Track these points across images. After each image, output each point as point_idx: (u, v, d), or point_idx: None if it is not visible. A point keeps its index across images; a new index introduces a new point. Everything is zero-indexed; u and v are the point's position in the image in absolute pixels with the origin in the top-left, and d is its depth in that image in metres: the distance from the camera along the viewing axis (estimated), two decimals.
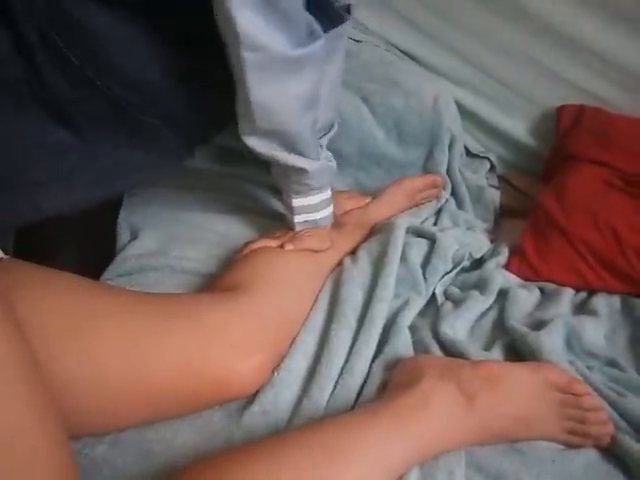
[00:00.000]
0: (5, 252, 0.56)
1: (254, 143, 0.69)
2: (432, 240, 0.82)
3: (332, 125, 0.85)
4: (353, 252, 0.82)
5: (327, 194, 0.78)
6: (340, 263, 0.80)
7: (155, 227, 0.86)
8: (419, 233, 0.84)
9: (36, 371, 0.43)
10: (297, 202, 0.77)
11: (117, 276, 0.77)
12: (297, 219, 0.78)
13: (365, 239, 0.85)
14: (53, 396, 0.44)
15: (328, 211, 0.80)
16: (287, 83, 0.64)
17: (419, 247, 0.81)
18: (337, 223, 0.85)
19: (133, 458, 0.54)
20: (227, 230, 0.86)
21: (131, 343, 0.54)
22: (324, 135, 0.83)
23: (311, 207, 0.77)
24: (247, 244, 0.76)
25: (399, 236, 0.78)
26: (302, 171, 0.72)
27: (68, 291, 0.55)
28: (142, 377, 0.54)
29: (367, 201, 0.93)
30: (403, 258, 0.77)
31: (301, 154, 0.71)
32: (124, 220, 0.89)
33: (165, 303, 0.60)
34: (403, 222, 0.82)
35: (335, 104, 0.85)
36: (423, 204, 0.97)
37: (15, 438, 0.38)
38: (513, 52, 1.12)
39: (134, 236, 0.86)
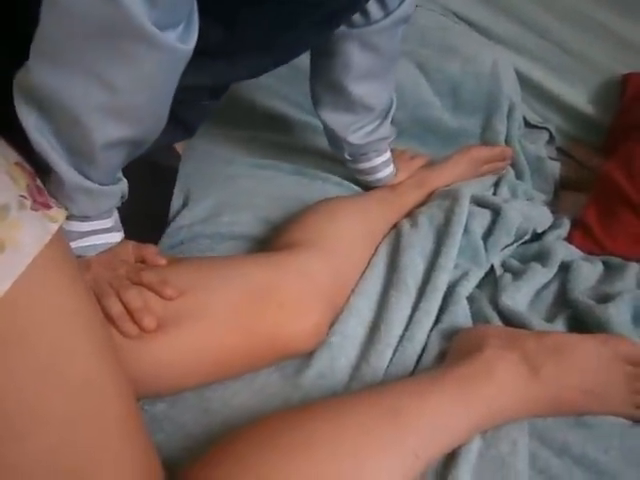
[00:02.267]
0: None
1: (19, 100, 0.45)
2: (496, 211, 0.79)
3: (391, 104, 0.81)
4: (408, 214, 0.80)
5: (106, 224, 0.54)
6: (396, 226, 0.78)
7: (206, 194, 0.86)
8: (482, 203, 0.81)
9: (103, 326, 0.43)
10: (68, 225, 0.52)
11: (169, 247, 0.77)
12: (74, 245, 0.52)
13: (421, 203, 0.82)
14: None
15: (107, 238, 0.55)
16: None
17: (482, 218, 0.78)
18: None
19: (192, 415, 0.55)
20: (279, 194, 0.85)
21: (186, 306, 0.53)
22: (382, 123, 0.80)
23: (76, 235, 0.53)
24: None
25: (464, 205, 0.75)
26: (60, 181, 0.48)
27: None
28: (198, 339, 0.54)
29: (424, 161, 0.91)
30: (465, 228, 0.74)
31: (75, 163, 0.48)
32: (177, 190, 0.90)
33: (216, 265, 0.60)
34: (468, 191, 0.79)
35: (392, 81, 0.80)
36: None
37: (84, 386, 0.39)
38: (575, 16, 1.07)
39: (185, 204, 0.86)
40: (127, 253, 0.58)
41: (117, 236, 0.56)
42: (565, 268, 0.75)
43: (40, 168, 0.47)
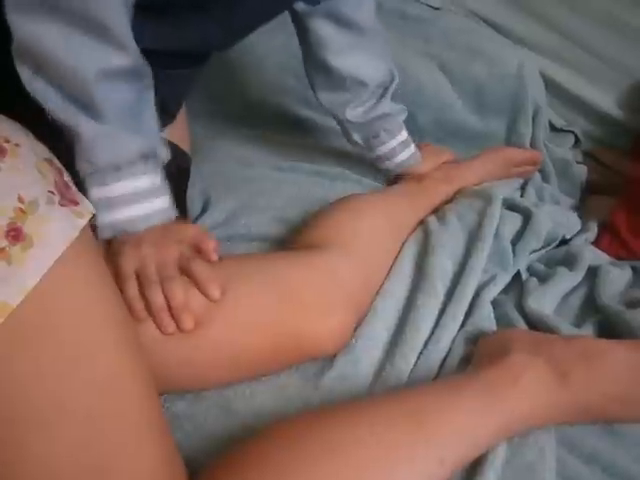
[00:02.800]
0: None
1: (19, 63, 0.46)
2: (527, 216, 0.78)
3: (390, 80, 0.79)
4: (434, 210, 0.79)
5: (143, 182, 0.51)
6: (423, 222, 0.77)
7: (225, 196, 0.86)
8: (513, 207, 0.80)
9: (130, 321, 0.43)
10: (92, 193, 0.49)
11: None
12: (99, 220, 0.49)
13: (448, 200, 0.81)
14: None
15: (152, 206, 0.52)
16: None
17: (512, 222, 0.77)
18: (419, 176, 0.82)
19: (212, 414, 0.54)
20: (298, 195, 0.84)
21: (212, 304, 0.52)
22: (381, 98, 0.79)
23: (115, 201, 0.50)
24: None
25: (497, 209, 0.74)
26: (79, 136, 0.47)
27: None
28: (222, 337, 0.53)
29: (450, 156, 0.90)
30: (495, 232, 0.73)
31: (84, 108, 0.47)
32: (194, 193, 0.90)
33: (239, 263, 0.60)
34: (500, 193, 0.77)
35: (384, 56, 0.78)
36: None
37: (111, 381, 0.39)
38: (601, 18, 1.06)
39: (205, 208, 0.86)
40: (185, 235, 0.55)
41: (166, 201, 0.53)
42: (593, 272, 0.73)
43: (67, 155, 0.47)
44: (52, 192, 0.39)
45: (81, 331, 0.38)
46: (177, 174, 0.86)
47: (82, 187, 0.47)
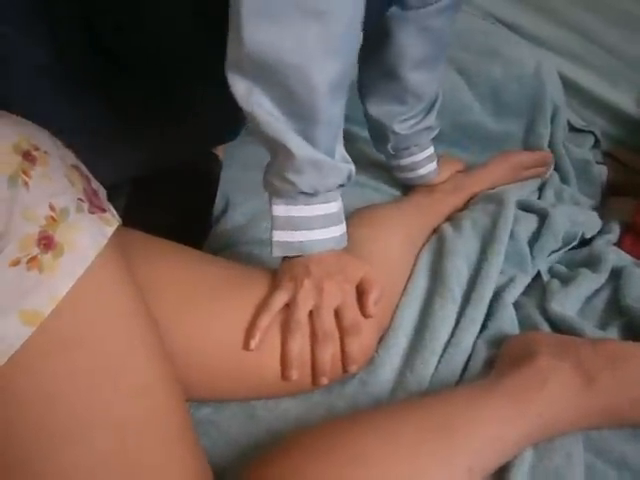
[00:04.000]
0: None
1: (240, 88, 0.46)
2: (542, 216, 0.77)
3: (435, 102, 0.80)
4: (448, 218, 0.79)
5: (331, 208, 0.53)
6: (437, 231, 0.77)
7: (246, 199, 0.86)
8: (528, 208, 0.80)
9: (157, 330, 0.43)
10: (278, 210, 0.53)
11: (212, 253, 0.77)
12: (276, 236, 0.53)
13: (460, 208, 0.81)
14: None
15: (330, 232, 0.54)
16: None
17: (527, 223, 0.76)
18: (429, 188, 0.82)
19: (237, 421, 0.55)
20: None
21: (241, 316, 0.53)
22: (428, 113, 0.79)
23: (300, 222, 0.52)
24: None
25: (510, 209, 0.74)
26: (290, 156, 0.49)
27: (182, 262, 0.55)
28: (252, 354, 0.52)
29: (461, 166, 0.90)
30: (510, 234, 0.73)
31: (303, 132, 0.48)
32: (219, 196, 0.90)
33: (270, 277, 0.59)
34: (513, 195, 0.77)
35: (440, 78, 0.78)
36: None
37: (140, 390, 0.39)
38: (620, 17, 1.05)
39: (224, 210, 0.86)
40: (356, 274, 0.55)
41: (343, 228, 0.54)
42: (617, 274, 0.72)
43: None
44: (81, 199, 0.39)
45: (111, 340, 0.38)
46: (211, 180, 0.87)
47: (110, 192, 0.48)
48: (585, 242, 0.82)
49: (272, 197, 0.52)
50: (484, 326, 0.63)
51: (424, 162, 0.82)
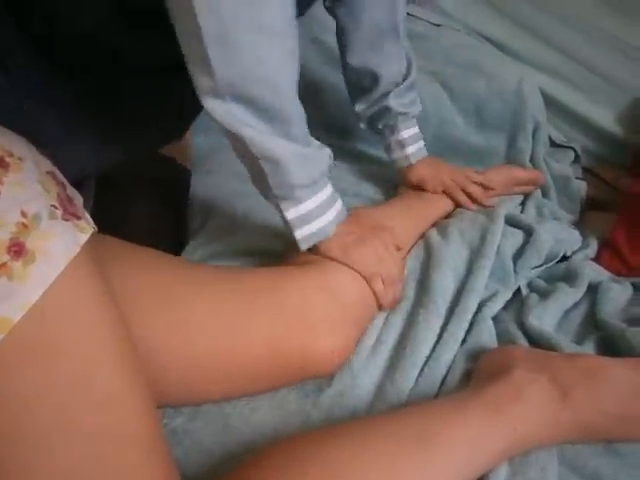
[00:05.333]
0: None
1: (219, 112, 0.50)
2: (528, 232, 0.78)
3: (402, 79, 0.80)
4: (435, 224, 0.79)
5: (327, 190, 0.60)
6: (424, 236, 0.77)
7: (223, 210, 0.86)
8: (514, 223, 0.80)
9: (129, 338, 0.43)
10: (290, 213, 0.58)
11: None
12: (299, 235, 0.60)
13: (449, 214, 0.82)
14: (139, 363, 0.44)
15: (335, 211, 0.62)
16: (253, 7, 0.46)
17: (513, 238, 0.77)
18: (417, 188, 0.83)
19: (212, 431, 0.54)
20: None
21: (219, 319, 0.53)
22: (390, 91, 0.79)
23: (310, 214, 0.59)
24: None
25: (499, 225, 0.74)
26: (275, 164, 0.54)
27: (156, 267, 0.55)
28: (227, 353, 0.53)
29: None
30: (496, 249, 0.73)
31: (283, 132, 0.53)
32: (193, 207, 0.90)
33: (246, 278, 0.60)
34: (502, 211, 0.78)
35: (398, 56, 0.79)
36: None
37: (110, 399, 0.38)
38: (600, 35, 1.07)
39: (203, 222, 0.86)
40: (368, 220, 0.66)
41: (340, 201, 0.63)
42: (593, 289, 0.73)
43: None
44: (55, 206, 0.39)
45: (81, 347, 0.38)
46: (178, 189, 0.87)
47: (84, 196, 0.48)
48: (564, 257, 0.83)
49: (279, 205, 0.58)
50: (464, 340, 0.63)
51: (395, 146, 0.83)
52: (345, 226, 0.63)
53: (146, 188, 0.87)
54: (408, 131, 0.82)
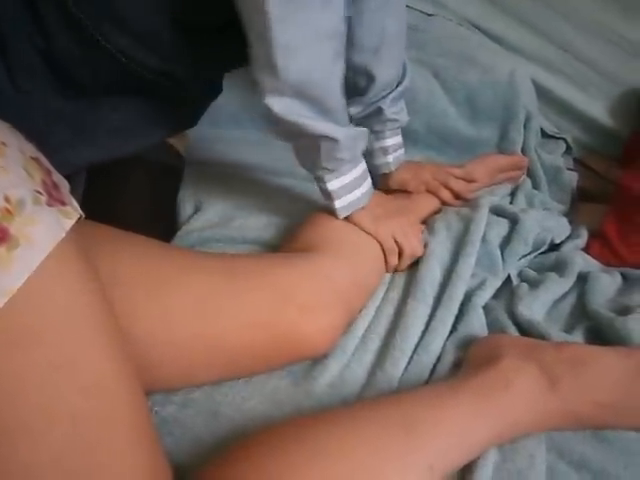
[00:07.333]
0: None
1: (279, 107, 0.57)
2: (513, 220, 0.78)
3: (396, 84, 0.79)
4: (423, 222, 0.80)
5: (363, 165, 0.69)
6: None
7: (217, 199, 0.86)
8: (500, 212, 0.81)
9: (116, 325, 0.43)
10: (333, 184, 0.67)
11: None
12: (339, 204, 0.68)
13: (436, 211, 0.82)
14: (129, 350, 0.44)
15: (368, 184, 0.71)
16: (316, 15, 0.52)
17: (499, 227, 0.77)
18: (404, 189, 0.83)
19: (202, 419, 0.54)
20: (292, 199, 0.85)
21: (206, 302, 0.53)
22: (387, 94, 0.78)
23: (350, 185, 0.68)
24: None
25: (483, 214, 0.75)
26: (334, 142, 0.62)
27: (143, 253, 0.55)
28: (216, 335, 0.54)
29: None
30: (482, 237, 0.74)
31: (332, 119, 0.61)
32: (186, 194, 0.89)
33: (237, 263, 0.60)
34: (486, 200, 0.78)
35: (398, 61, 0.78)
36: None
37: (96, 385, 0.38)
38: (593, 26, 1.06)
39: (197, 209, 0.86)
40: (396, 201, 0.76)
41: (369, 177, 0.71)
42: (583, 279, 0.73)
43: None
44: (39, 192, 0.38)
45: (66, 334, 0.37)
46: (172, 174, 0.86)
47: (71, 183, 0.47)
48: (555, 247, 0.83)
49: (324, 177, 0.66)
50: (453, 328, 0.64)
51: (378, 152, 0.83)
52: (375, 199, 0.71)
53: (140, 173, 0.86)
54: (393, 139, 0.82)
